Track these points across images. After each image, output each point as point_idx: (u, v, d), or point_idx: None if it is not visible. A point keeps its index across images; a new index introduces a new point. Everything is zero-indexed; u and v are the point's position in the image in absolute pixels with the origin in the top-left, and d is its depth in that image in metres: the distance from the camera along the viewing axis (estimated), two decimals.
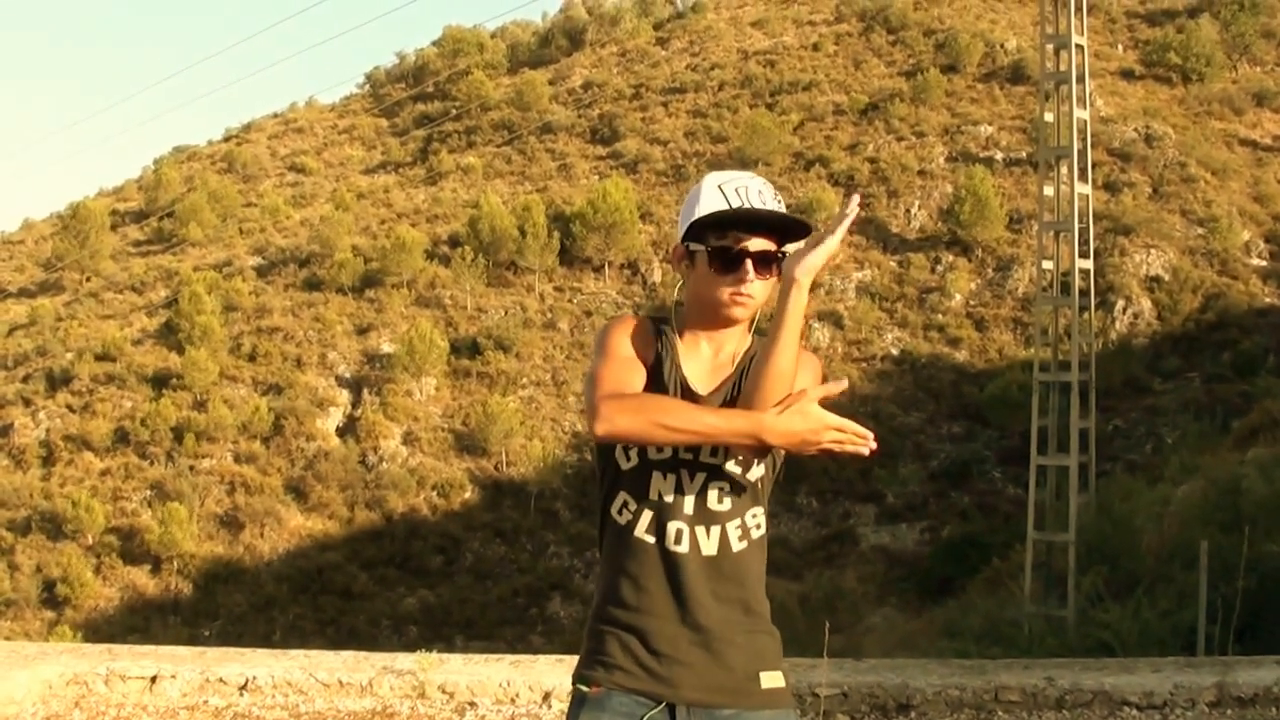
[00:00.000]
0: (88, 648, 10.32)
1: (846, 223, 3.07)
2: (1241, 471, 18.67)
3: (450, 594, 46.54)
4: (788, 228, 3.24)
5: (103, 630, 42.60)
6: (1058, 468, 22.19)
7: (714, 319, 3.33)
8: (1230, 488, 17.72)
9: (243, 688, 8.42)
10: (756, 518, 3.34)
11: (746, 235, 3.21)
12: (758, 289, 3.23)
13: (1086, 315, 23.19)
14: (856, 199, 3.06)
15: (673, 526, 3.26)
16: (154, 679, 8.58)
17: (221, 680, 8.48)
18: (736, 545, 3.29)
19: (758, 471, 3.31)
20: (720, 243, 3.22)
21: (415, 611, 45.66)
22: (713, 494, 3.27)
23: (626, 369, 3.25)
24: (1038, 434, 22.39)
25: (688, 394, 3.30)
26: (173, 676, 8.54)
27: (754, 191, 3.23)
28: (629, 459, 3.27)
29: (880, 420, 47.90)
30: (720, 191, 3.24)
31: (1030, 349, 38.51)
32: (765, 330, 3.22)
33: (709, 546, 3.27)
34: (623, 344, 3.31)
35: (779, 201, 3.26)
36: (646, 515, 3.28)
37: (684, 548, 3.26)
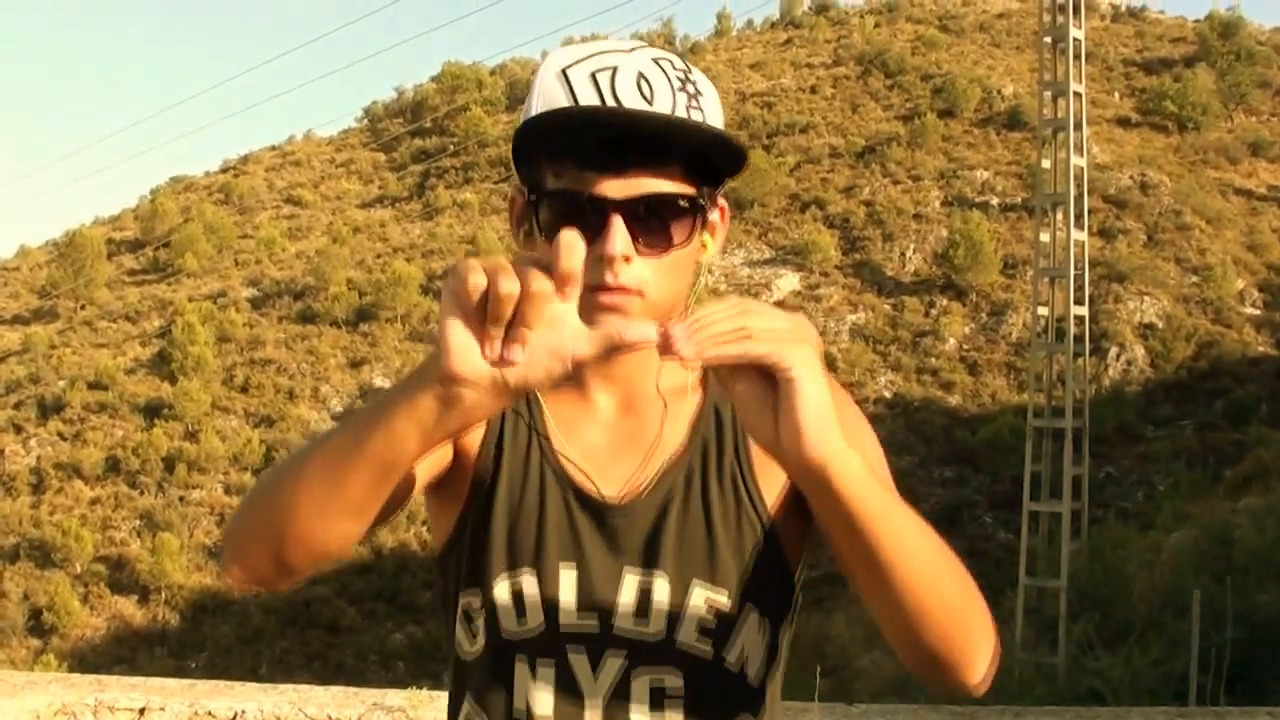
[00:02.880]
0: (76, 678, 10.28)
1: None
2: (1233, 521, 18.71)
3: (439, 630, 46.29)
4: (699, 146, 1.70)
5: (89, 660, 42.43)
6: (1050, 513, 22.20)
7: None
8: (1222, 537, 17.73)
9: None
10: None
11: (610, 166, 1.66)
12: (642, 272, 1.69)
13: (1080, 361, 23.22)
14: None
15: None
16: (143, 711, 8.54)
17: (210, 714, 8.44)
18: None
19: (758, 646, 1.86)
20: (559, 184, 1.69)
21: (403, 647, 45.49)
22: (640, 695, 1.80)
23: None
24: (1030, 479, 22.41)
25: (584, 502, 1.84)
26: (161, 709, 8.51)
27: (626, 78, 1.70)
28: (471, 640, 1.88)
29: None
30: (565, 80, 1.71)
31: (1023, 394, 38.53)
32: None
33: None
34: None
35: (690, 93, 1.74)
36: None
37: None
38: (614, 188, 1.66)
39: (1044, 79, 24.29)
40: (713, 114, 1.77)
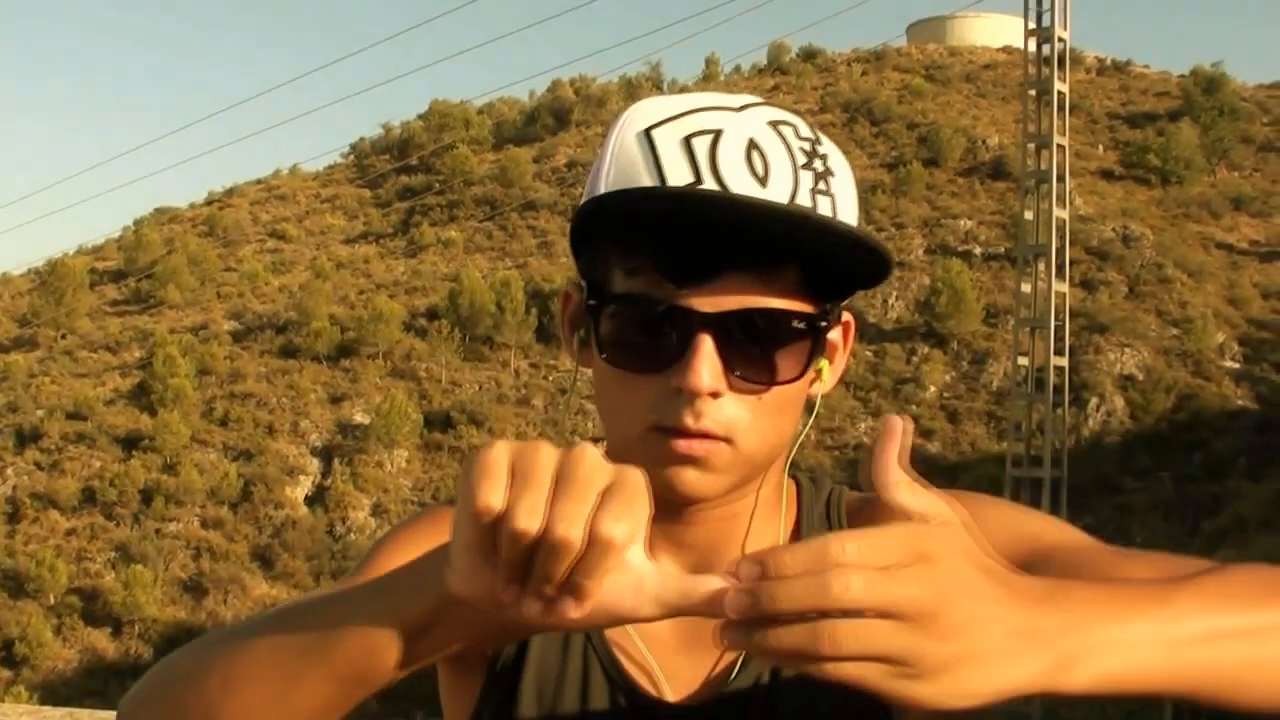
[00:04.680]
0: (49, 710, 10.28)
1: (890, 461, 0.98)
2: None
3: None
4: (827, 248, 1.20)
5: (60, 692, 42.17)
6: None
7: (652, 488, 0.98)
8: None
9: None
10: None
11: (701, 270, 1.21)
12: (734, 412, 1.23)
13: (1060, 411, 23.29)
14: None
15: None
16: None
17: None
18: None
19: None
20: (630, 287, 1.24)
21: None
22: None
23: None
24: None
25: (639, 706, 1.36)
26: None
27: (732, 147, 1.22)
28: None
29: None
30: (648, 144, 1.24)
31: (1002, 443, 38.55)
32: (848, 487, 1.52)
33: None
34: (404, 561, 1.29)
35: (817, 172, 1.25)
36: None
37: None
38: (704, 299, 1.20)
39: (1028, 130, 24.45)
40: (845, 201, 1.27)
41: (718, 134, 1.22)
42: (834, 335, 1.35)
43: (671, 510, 1.26)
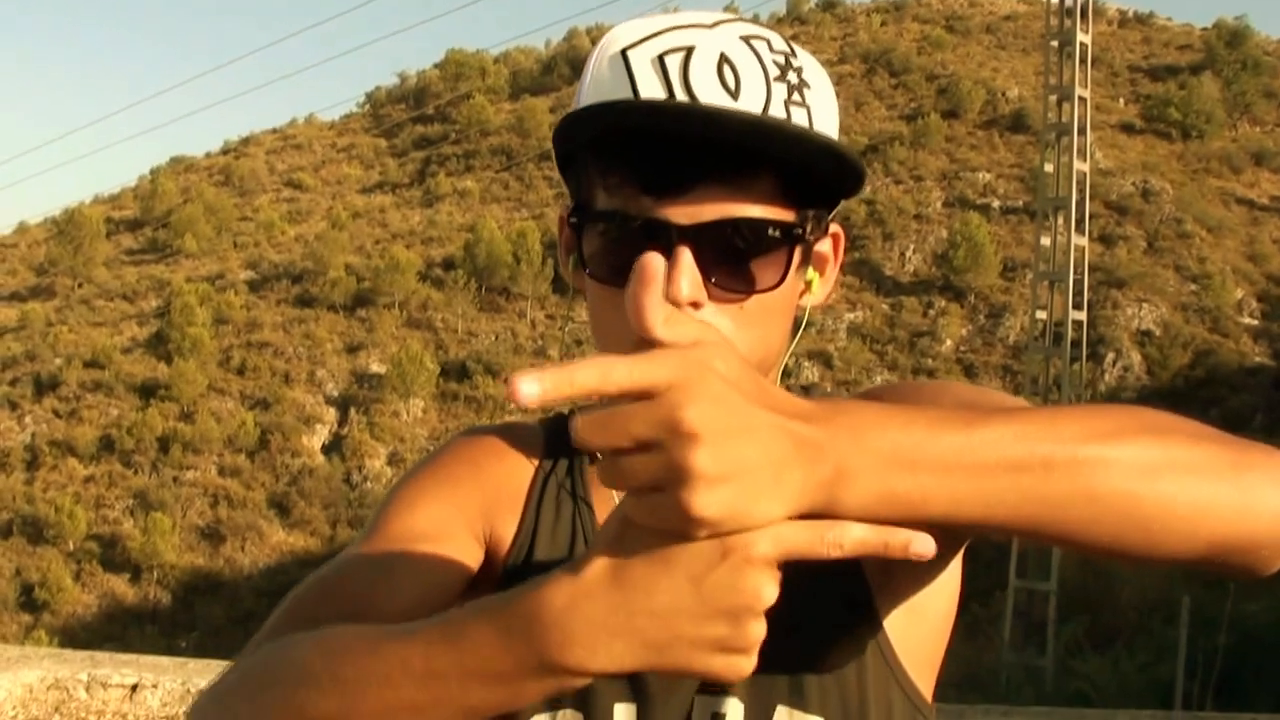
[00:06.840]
0: (69, 653, 10.31)
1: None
2: None
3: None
4: (800, 158, 1.21)
5: (80, 637, 42.42)
6: None
7: None
8: None
9: None
10: None
11: (676, 183, 1.21)
12: (716, 322, 1.22)
13: (1077, 366, 23.26)
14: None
15: None
16: (135, 688, 8.56)
17: (202, 691, 8.45)
18: None
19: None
20: (609, 203, 1.26)
21: None
22: None
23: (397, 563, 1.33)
24: None
25: None
26: (154, 686, 8.53)
27: (704, 61, 1.22)
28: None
29: None
30: (624, 64, 1.25)
31: (1019, 397, 38.57)
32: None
33: None
34: (428, 510, 1.37)
35: (791, 84, 1.25)
36: None
37: None
38: (681, 211, 1.21)
39: (1049, 82, 24.32)
40: (822, 112, 1.28)
41: (690, 50, 1.23)
42: (824, 248, 1.36)
43: None
